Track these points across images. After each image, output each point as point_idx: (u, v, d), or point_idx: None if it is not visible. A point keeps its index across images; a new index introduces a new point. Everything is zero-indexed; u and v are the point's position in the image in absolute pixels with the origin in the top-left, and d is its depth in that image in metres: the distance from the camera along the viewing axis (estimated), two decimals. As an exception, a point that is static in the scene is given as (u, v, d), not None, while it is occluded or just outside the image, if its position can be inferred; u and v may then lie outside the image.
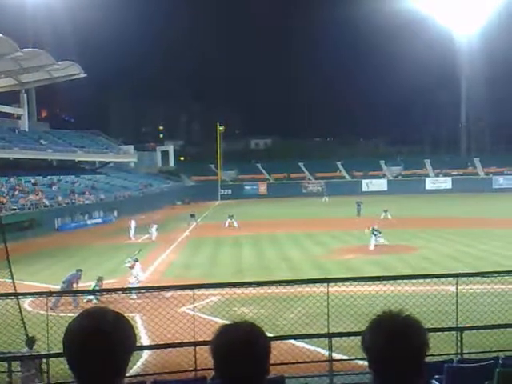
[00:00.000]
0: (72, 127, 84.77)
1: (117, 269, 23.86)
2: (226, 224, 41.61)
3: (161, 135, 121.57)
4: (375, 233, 29.10)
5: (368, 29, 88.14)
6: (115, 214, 52.18)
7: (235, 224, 41.28)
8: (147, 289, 16.76)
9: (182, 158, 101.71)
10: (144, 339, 13.56)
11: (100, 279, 19.19)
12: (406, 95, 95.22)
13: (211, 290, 15.13)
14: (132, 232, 36.78)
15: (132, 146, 79.82)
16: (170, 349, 9.61)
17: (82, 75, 62.55)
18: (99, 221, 50.44)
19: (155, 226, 36.35)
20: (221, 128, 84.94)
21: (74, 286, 18.47)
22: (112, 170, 72.37)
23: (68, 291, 17.49)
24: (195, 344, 8.61)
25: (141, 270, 20.99)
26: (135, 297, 17.70)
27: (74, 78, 62.97)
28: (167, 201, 66.46)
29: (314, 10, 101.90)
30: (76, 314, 1.82)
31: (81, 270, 19.22)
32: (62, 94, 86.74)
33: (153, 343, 12.32)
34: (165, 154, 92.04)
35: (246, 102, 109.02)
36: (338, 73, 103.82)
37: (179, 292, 13.66)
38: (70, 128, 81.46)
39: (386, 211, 43.04)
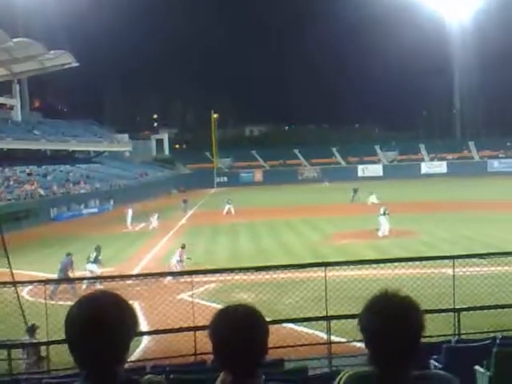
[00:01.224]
0: (65, 117, 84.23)
1: (114, 257, 23.90)
2: (225, 210, 41.57)
3: (155, 123, 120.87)
4: (385, 212, 28.15)
5: (360, 14, 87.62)
6: (111, 202, 52.04)
7: (232, 211, 41.26)
8: (146, 275, 16.79)
9: (176, 146, 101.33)
10: (143, 325, 13.59)
11: (98, 248, 19.29)
12: (399, 80, 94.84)
13: (209, 277, 15.17)
14: (129, 220, 36.76)
15: (126, 135, 79.37)
16: (169, 334, 9.66)
17: (74, 64, 62.23)
18: (95, 210, 50.24)
19: (156, 215, 36.15)
20: (215, 115, 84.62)
21: (70, 273, 18.25)
22: (107, 160, 72.11)
23: (65, 279, 17.41)
24: (195, 329, 8.65)
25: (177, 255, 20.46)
26: (170, 278, 17.01)
27: (66, 67, 62.69)
28: (163, 189, 66.31)
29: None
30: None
31: (71, 254, 18.86)
32: (55, 84, 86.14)
33: (152, 329, 12.35)
34: (159, 142, 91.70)
35: (239, 89, 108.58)
36: (331, 59, 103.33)
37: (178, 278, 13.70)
38: (63, 118, 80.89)
39: (371, 193, 41.02)
